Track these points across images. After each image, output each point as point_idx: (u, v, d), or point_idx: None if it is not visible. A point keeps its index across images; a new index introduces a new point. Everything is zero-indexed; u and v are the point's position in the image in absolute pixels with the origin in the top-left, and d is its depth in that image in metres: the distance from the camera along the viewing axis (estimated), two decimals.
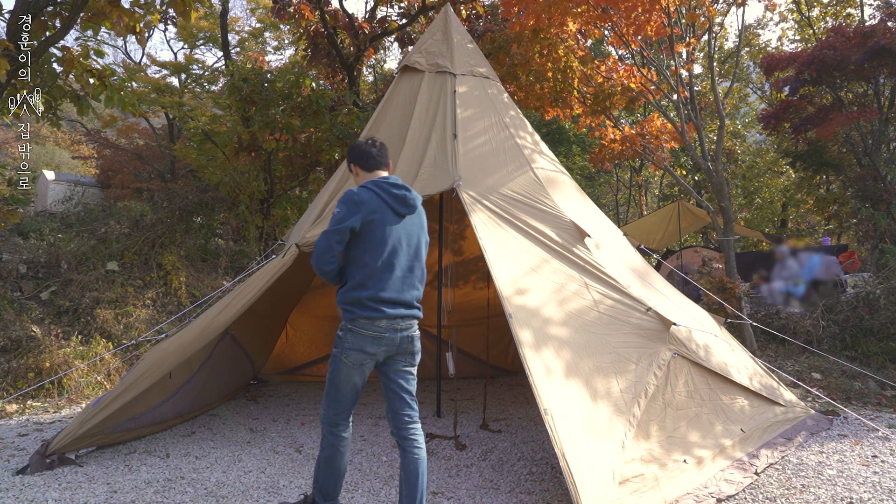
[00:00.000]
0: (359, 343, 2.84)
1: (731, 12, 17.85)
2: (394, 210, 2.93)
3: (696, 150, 8.46)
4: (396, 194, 2.95)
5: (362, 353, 2.84)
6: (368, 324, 2.83)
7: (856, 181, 12.95)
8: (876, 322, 6.91)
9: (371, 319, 2.83)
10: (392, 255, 2.89)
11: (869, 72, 11.67)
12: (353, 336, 2.84)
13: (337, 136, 8.19)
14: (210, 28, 16.97)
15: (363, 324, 2.83)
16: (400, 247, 2.92)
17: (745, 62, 20.14)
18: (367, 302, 2.83)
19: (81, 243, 8.17)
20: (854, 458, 4.08)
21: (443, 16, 5.42)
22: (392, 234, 2.91)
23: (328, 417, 2.94)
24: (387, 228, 2.89)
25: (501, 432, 4.74)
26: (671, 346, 3.89)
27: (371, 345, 2.84)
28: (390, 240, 2.90)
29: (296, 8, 10.52)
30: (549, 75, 9.06)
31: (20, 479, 3.72)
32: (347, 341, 2.85)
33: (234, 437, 4.64)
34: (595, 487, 2.93)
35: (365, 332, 2.83)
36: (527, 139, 5.17)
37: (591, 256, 4.19)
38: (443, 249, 5.33)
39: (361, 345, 2.84)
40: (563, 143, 16.98)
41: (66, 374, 5.85)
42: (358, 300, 2.83)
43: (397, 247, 2.91)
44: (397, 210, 2.94)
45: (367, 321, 2.83)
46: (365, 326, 2.83)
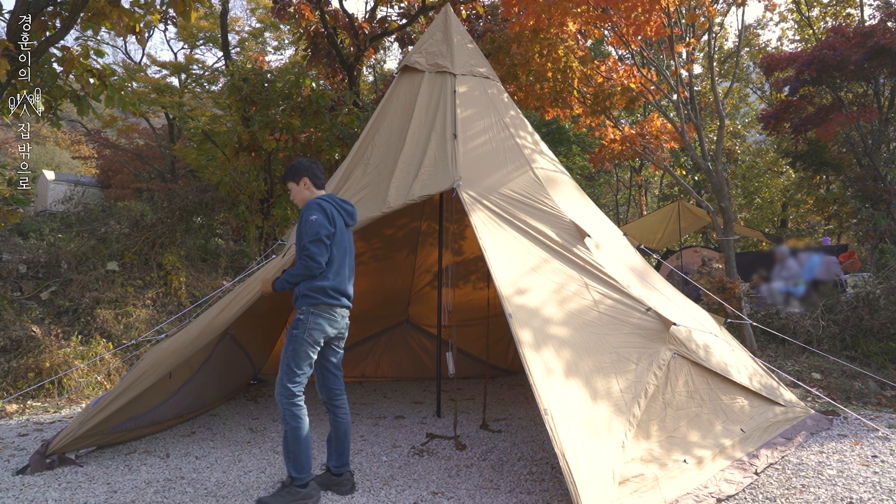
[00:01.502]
0: (320, 325, 3.36)
1: (731, 12, 17.87)
2: (344, 220, 3.57)
3: (696, 150, 8.46)
4: (347, 209, 3.61)
5: (321, 333, 3.37)
6: (328, 309, 3.39)
7: (856, 181, 12.96)
8: (876, 322, 6.91)
9: (330, 306, 3.40)
10: (343, 255, 3.49)
11: (869, 72, 11.67)
12: (314, 318, 3.35)
13: (337, 136, 8.19)
14: (210, 28, 16.98)
15: (324, 308, 3.38)
16: (347, 250, 3.56)
17: (745, 62, 20.14)
18: (330, 291, 3.38)
19: (81, 243, 8.17)
20: (854, 458, 4.08)
21: (443, 16, 5.42)
22: (344, 239, 3.53)
23: (287, 391, 3.30)
24: (341, 234, 3.51)
25: (501, 432, 4.74)
26: (671, 346, 3.88)
27: (328, 326, 3.40)
28: (343, 243, 3.51)
29: (296, 8, 10.53)
30: (549, 75, 9.06)
31: (20, 479, 3.72)
32: (310, 323, 3.33)
33: (234, 437, 4.64)
34: (595, 487, 2.92)
35: (325, 316, 3.38)
36: (527, 139, 5.17)
37: (591, 256, 4.19)
38: (443, 249, 5.34)
39: (322, 326, 3.37)
40: (563, 143, 16.99)
41: (66, 374, 5.86)
42: (322, 289, 3.36)
43: (346, 249, 3.54)
44: (346, 221, 3.59)
45: (327, 307, 3.38)
46: (325, 311, 3.38)
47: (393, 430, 4.85)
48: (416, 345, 6.89)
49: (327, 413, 3.58)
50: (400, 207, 4.32)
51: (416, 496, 3.46)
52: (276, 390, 3.33)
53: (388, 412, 5.43)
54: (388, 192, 4.37)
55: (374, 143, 4.87)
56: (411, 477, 3.77)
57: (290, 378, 3.31)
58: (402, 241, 6.63)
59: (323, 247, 3.33)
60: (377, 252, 6.60)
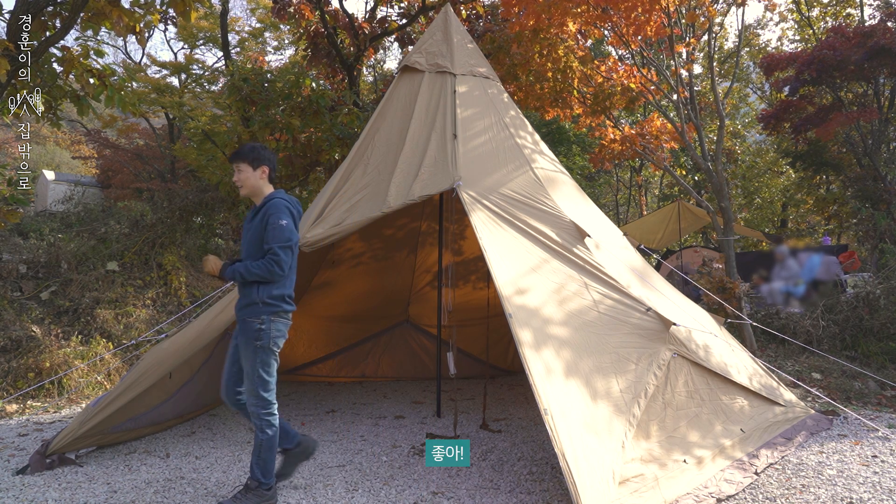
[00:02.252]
0: (282, 331, 3.31)
1: (731, 12, 17.86)
2: (296, 223, 3.42)
3: (696, 150, 8.46)
4: (300, 210, 3.47)
5: (283, 339, 3.34)
6: (287, 315, 3.34)
7: (856, 181, 12.95)
8: (876, 322, 6.91)
9: (288, 312, 3.35)
10: (295, 261, 3.40)
11: (869, 72, 11.67)
12: (276, 326, 3.27)
13: (337, 137, 8.19)
14: (210, 28, 16.97)
15: (285, 315, 3.33)
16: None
17: (745, 62, 20.14)
18: (287, 298, 3.34)
19: (81, 243, 8.18)
20: (854, 458, 4.08)
21: (443, 16, 5.42)
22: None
23: (264, 401, 3.26)
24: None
25: (501, 432, 4.74)
26: (671, 346, 3.89)
27: (286, 332, 3.36)
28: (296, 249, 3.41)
29: (296, 8, 10.52)
30: (549, 75, 9.06)
31: (20, 479, 3.73)
32: (273, 331, 3.26)
33: (234, 437, 4.64)
34: (595, 487, 2.92)
35: (285, 322, 3.33)
36: (527, 139, 5.17)
37: (591, 256, 4.19)
38: (443, 249, 5.34)
39: (283, 332, 3.33)
40: (563, 143, 16.99)
41: (66, 374, 5.86)
42: (282, 296, 3.30)
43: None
44: (297, 223, 3.43)
45: (286, 314, 3.33)
46: (285, 318, 3.33)
47: (393, 430, 4.85)
48: (416, 345, 6.90)
49: (238, 411, 3.47)
50: (400, 207, 4.32)
51: (416, 496, 3.46)
52: (251, 402, 3.26)
53: (388, 412, 5.43)
54: (389, 192, 4.37)
55: (374, 143, 4.86)
56: (411, 477, 3.77)
57: (264, 388, 3.26)
58: (402, 241, 6.64)
59: (291, 255, 3.28)
60: (377, 252, 6.60)
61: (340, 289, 6.56)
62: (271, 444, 3.28)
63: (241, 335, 3.29)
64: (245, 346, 3.26)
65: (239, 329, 3.31)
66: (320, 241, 4.28)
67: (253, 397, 3.26)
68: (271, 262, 3.20)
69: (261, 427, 3.26)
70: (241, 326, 3.29)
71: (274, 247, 3.20)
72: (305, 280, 6.27)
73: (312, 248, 4.27)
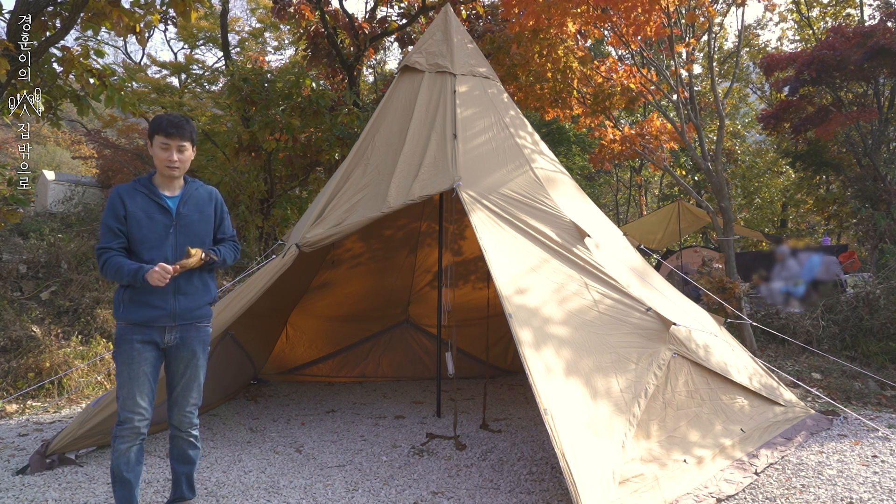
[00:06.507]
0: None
1: (730, 12, 17.87)
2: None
3: (695, 150, 8.46)
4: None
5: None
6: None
7: (856, 181, 12.97)
8: (876, 322, 6.91)
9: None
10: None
11: (869, 72, 11.68)
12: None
13: (337, 136, 8.20)
14: (210, 28, 16.98)
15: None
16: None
17: (745, 62, 20.15)
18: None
19: (81, 243, 8.18)
20: (854, 458, 4.08)
21: (443, 16, 5.42)
22: None
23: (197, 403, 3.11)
24: None
25: (501, 432, 4.74)
26: (671, 346, 3.88)
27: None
28: None
29: (296, 8, 10.53)
30: (548, 76, 9.07)
31: (20, 479, 3.72)
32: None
33: (234, 437, 4.64)
34: (595, 487, 2.93)
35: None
36: (527, 139, 5.17)
37: (591, 256, 4.19)
38: (443, 249, 5.34)
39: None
40: (563, 143, 17.00)
41: (66, 374, 5.85)
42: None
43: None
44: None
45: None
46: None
47: (393, 430, 4.85)
48: (416, 345, 6.89)
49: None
50: (400, 207, 4.32)
51: (416, 496, 3.46)
52: (195, 415, 3.07)
53: (388, 412, 5.43)
54: (388, 192, 4.37)
55: (374, 143, 4.86)
56: (411, 477, 3.77)
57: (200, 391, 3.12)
58: (402, 242, 6.64)
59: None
60: (377, 252, 6.60)
61: (340, 289, 6.56)
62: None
63: (197, 343, 3.01)
64: (203, 354, 3.05)
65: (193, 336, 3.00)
66: (320, 241, 4.28)
67: (196, 409, 3.08)
68: (236, 249, 3.17)
69: (198, 439, 3.12)
70: (197, 334, 3.02)
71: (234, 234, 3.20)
72: (305, 280, 6.27)
73: (312, 248, 4.27)
